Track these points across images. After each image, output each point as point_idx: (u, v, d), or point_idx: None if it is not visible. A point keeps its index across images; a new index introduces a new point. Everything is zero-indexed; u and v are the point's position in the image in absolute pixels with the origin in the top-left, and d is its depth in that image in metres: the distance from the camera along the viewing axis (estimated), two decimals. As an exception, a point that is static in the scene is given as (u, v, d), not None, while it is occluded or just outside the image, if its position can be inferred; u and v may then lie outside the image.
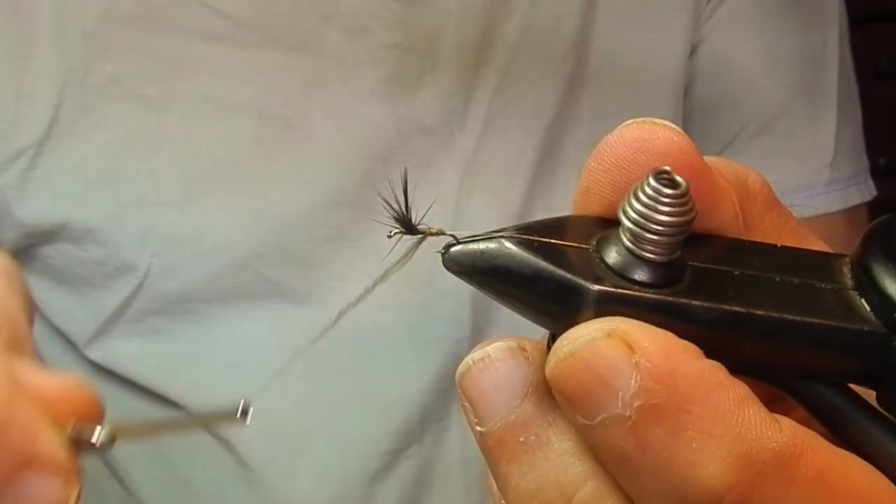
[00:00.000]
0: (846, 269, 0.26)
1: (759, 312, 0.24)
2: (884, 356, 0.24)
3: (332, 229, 0.65)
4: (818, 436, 0.23)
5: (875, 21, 1.37)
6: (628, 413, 0.22)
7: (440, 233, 0.27)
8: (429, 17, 0.65)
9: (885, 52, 1.43)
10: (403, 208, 0.27)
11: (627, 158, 0.24)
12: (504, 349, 0.25)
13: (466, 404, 0.25)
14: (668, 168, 0.24)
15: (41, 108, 0.63)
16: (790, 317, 0.24)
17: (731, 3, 0.71)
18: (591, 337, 0.22)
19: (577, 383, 0.22)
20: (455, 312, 0.66)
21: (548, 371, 0.23)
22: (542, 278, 0.24)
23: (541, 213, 0.67)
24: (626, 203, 0.24)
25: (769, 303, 0.24)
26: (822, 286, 0.25)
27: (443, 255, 0.26)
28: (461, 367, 0.25)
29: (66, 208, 0.64)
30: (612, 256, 0.24)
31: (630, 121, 0.25)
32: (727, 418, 0.22)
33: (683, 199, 0.24)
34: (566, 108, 0.68)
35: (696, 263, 0.25)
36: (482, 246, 0.25)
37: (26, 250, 0.66)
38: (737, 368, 0.26)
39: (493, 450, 0.25)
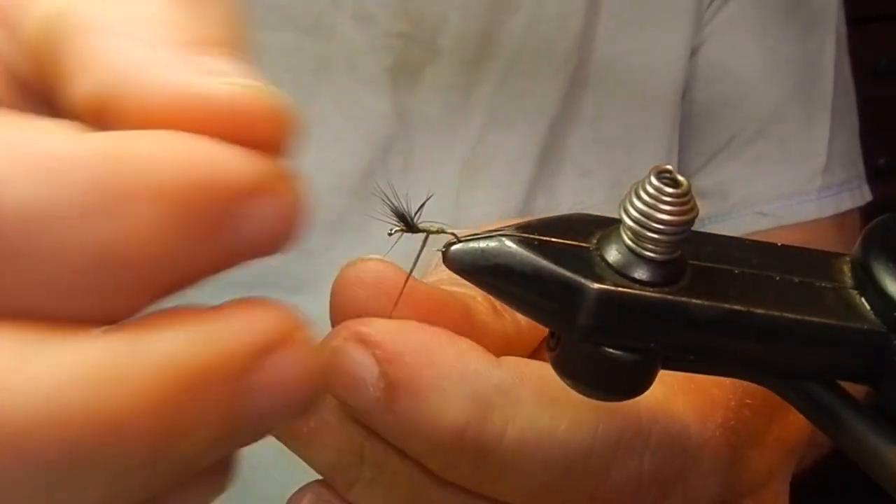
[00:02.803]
0: (846, 268, 0.26)
1: (759, 311, 0.24)
2: (884, 355, 0.24)
3: (333, 216, 0.65)
4: (546, 365, 0.27)
5: (875, 21, 1.37)
6: (378, 395, 0.26)
7: (441, 231, 0.27)
8: (433, 8, 0.65)
9: (885, 52, 1.43)
10: (404, 205, 0.27)
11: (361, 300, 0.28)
12: None
13: None
14: (669, 167, 0.24)
15: None
16: (790, 315, 0.24)
17: (731, 7, 0.72)
18: (336, 346, 0.27)
19: (338, 384, 0.27)
20: None
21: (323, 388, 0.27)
22: (543, 277, 0.24)
23: (542, 210, 0.67)
24: (628, 201, 0.24)
25: (769, 301, 0.24)
26: (822, 285, 0.25)
27: (443, 253, 0.26)
28: None
29: None
30: (613, 255, 0.24)
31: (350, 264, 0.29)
32: (451, 371, 0.27)
33: (685, 199, 0.24)
34: (568, 106, 0.68)
35: (696, 262, 0.25)
36: (483, 244, 0.25)
37: None
38: (733, 366, 0.26)
39: (287, 442, 0.29)
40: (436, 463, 0.27)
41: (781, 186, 0.72)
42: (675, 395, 0.29)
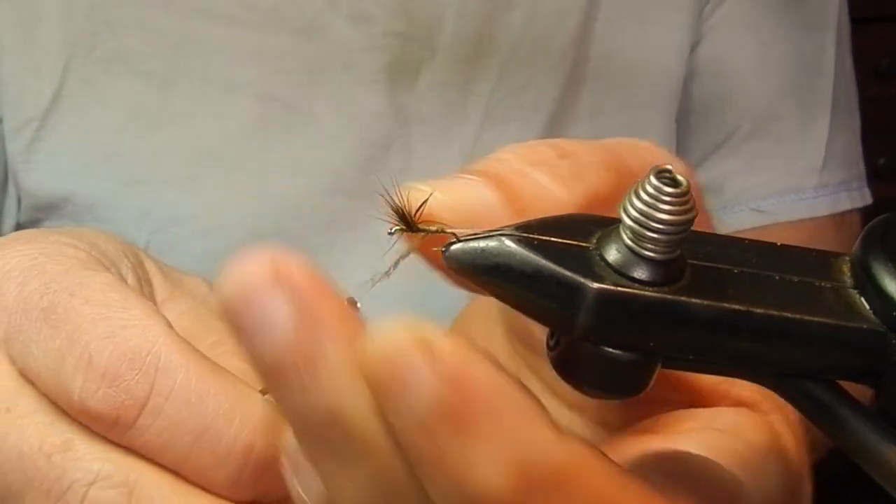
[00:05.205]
0: (846, 268, 0.26)
1: (758, 310, 0.24)
2: (883, 355, 0.24)
3: (331, 216, 0.65)
4: (604, 456, 0.24)
5: (875, 21, 1.37)
6: (421, 410, 0.22)
7: (441, 230, 0.27)
8: (429, 6, 0.65)
9: (885, 52, 1.43)
10: (404, 204, 0.27)
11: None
12: None
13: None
14: (669, 167, 0.24)
15: (46, 81, 0.63)
16: (790, 315, 0.24)
17: (729, 3, 0.72)
18: (398, 341, 0.23)
19: (382, 379, 0.23)
20: (455, 302, 0.66)
21: (362, 370, 0.24)
22: (543, 276, 0.24)
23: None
24: (627, 201, 0.24)
25: (768, 301, 0.24)
26: (822, 284, 0.25)
27: (443, 252, 0.26)
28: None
29: (69, 183, 0.64)
30: (613, 254, 0.24)
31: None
32: (510, 426, 0.23)
33: (684, 198, 0.24)
34: (566, 103, 0.68)
35: (695, 262, 0.25)
36: (482, 244, 0.25)
37: (32, 225, 0.66)
38: (733, 365, 0.26)
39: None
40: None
41: (776, 183, 0.72)
42: None
